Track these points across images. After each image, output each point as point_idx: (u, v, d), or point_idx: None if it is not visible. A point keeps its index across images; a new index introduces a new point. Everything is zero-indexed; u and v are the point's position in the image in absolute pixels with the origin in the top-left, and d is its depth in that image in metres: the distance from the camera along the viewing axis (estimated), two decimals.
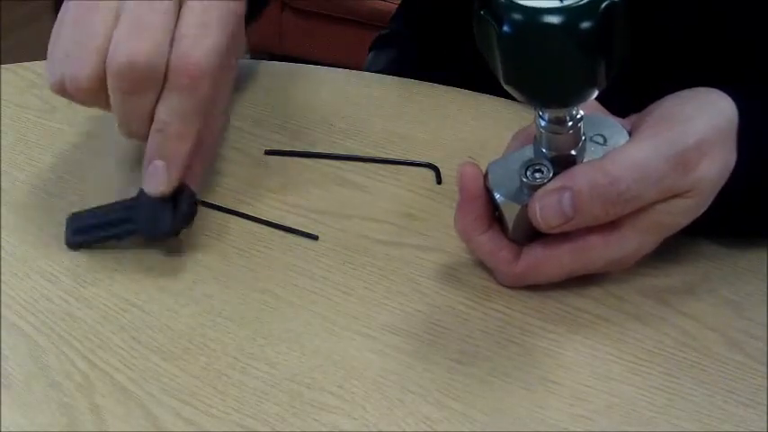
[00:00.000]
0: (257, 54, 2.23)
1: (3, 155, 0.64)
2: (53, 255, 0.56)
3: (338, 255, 0.57)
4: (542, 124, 0.50)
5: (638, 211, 0.50)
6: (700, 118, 0.51)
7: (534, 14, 0.43)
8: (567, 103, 0.48)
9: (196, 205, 0.55)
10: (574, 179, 0.49)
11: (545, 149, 0.51)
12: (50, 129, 0.67)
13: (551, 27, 0.43)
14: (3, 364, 0.49)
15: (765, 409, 0.48)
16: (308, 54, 2.17)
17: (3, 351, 0.50)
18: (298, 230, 0.59)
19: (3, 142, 0.65)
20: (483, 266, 0.55)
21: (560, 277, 0.53)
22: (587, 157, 0.51)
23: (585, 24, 0.43)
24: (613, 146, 0.51)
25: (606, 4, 0.43)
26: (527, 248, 0.53)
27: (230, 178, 0.63)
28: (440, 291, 0.55)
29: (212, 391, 0.48)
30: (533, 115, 0.50)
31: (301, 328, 0.52)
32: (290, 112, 0.69)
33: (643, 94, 0.54)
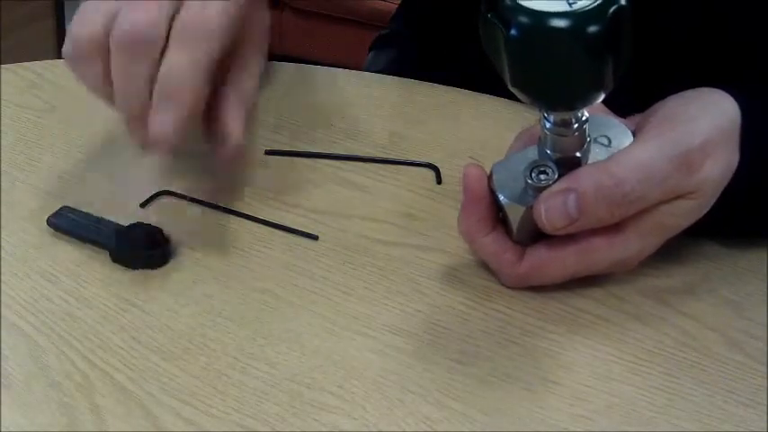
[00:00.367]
0: None
1: (3, 155, 0.64)
2: (53, 255, 0.56)
3: (338, 255, 0.57)
4: (548, 126, 0.49)
5: (642, 213, 0.50)
6: (703, 118, 0.51)
7: (542, 18, 0.43)
8: (574, 106, 0.48)
9: (167, 257, 0.56)
10: (579, 181, 0.49)
11: (550, 151, 0.50)
12: (50, 129, 0.67)
13: (559, 31, 0.43)
14: (3, 364, 0.49)
15: (765, 409, 0.48)
16: (307, 54, 2.17)
17: (3, 351, 0.50)
18: (298, 230, 0.59)
19: (3, 142, 0.65)
20: (483, 266, 0.55)
21: (564, 278, 0.53)
22: (592, 158, 0.51)
23: (593, 28, 0.43)
24: (618, 147, 0.51)
25: (614, 8, 0.43)
26: (530, 250, 0.53)
27: (230, 178, 0.63)
28: (440, 291, 0.55)
29: (212, 391, 0.48)
30: (534, 115, 0.50)
31: (301, 328, 0.52)
32: (290, 112, 0.69)
33: (646, 94, 0.54)
